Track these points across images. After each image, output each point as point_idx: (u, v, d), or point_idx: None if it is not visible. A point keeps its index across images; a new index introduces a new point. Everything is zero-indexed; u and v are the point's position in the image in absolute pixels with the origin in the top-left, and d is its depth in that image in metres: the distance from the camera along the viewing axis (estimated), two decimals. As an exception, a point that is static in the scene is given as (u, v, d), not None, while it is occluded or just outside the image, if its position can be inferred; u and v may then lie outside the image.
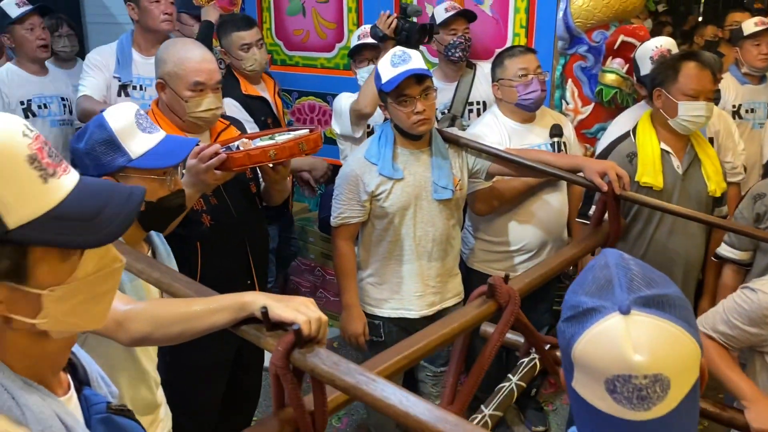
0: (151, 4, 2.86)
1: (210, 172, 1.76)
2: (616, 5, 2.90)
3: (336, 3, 3.48)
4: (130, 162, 1.47)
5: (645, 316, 0.79)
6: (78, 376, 0.95)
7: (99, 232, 0.78)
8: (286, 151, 1.82)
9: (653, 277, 0.83)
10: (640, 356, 0.77)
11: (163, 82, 2.04)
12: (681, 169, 2.33)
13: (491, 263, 2.65)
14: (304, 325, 1.08)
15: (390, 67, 2.11)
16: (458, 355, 1.48)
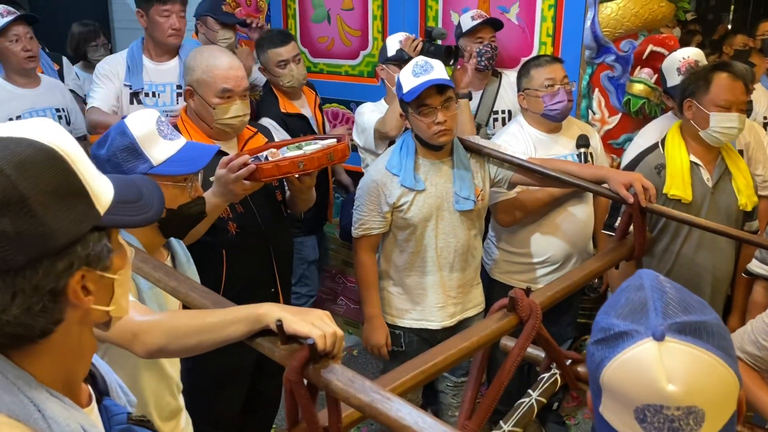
0: (160, 17, 2.84)
1: (239, 182, 1.76)
2: (645, 14, 2.86)
3: (361, 11, 3.47)
4: (151, 169, 1.48)
5: (680, 344, 0.75)
6: (98, 386, 0.95)
7: (148, 211, 0.85)
8: (315, 162, 1.82)
9: (690, 303, 0.79)
10: (674, 386, 0.73)
11: (192, 89, 2.05)
12: (711, 182, 2.28)
13: (514, 275, 2.61)
14: (319, 339, 1.06)
15: (411, 77, 2.10)
16: (478, 369, 1.45)
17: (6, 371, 0.77)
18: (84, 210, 0.76)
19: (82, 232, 0.75)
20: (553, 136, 2.56)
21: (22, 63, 2.96)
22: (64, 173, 0.74)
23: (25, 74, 3.02)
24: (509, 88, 3.00)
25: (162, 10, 2.83)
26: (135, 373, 1.47)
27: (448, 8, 3.22)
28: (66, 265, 0.74)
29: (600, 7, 2.87)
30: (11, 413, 0.76)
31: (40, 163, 0.72)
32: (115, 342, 1.24)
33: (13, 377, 0.77)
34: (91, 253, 0.77)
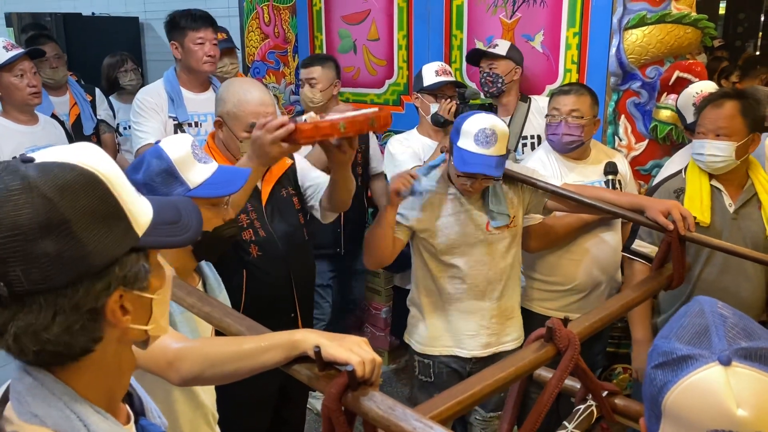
0: (195, 45, 2.86)
1: (276, 144, 1.70)
2: (671, 41, 2.85)
3: (387, 41, 3.52)
4: (188, 192, 1.49)
5: (747, 369, 0.74)
6: (134, 406, 0.96)
7: (186, 231, 0.86)
8: (356, 126, 1.70)
9: (753, 329, 0.78)
10: (744, 411, 0.72)
11: (222, 120, 2.06)
12: (732, 208, 2.24)
13: (543, 302, 2.58)
14: (358, 366, 1.05)
15: (471, 141, 2.04)
16: (514, 401, 1.42)
17: (51, 386, 0.79)
18: (122, 232, 0.77)
19: (120, 253, 0.77)
20: (579, 162, 2.55)
21: (26, 99, 2.92)
22: (103, 196, 0.76)
23: (26, 111, 2.97)
24: (538, 114, 3.00)
25: (196, 38, 2.85)
26: (169, 401, 1.47)
27: (472, 37, 3.25)
28: (104, 286, 0.76)
29: (625, 34, 2.87)
30: (57, 427, 0.78)
31: (80, 186, 0.74)
32: (150, 370, 1.24)
33: (59, 393, 0.79)
34: (129, 274, 0.78)
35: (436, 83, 2.78)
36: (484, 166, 2.03)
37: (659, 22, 2.81)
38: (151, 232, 0.81)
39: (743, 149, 2.18)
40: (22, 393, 0.79)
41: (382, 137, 3.56)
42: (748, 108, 2.17)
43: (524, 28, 3.10)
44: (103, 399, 0.84)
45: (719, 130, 2.16)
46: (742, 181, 2.25)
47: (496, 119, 2.10)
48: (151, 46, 5.16)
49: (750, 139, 2.17)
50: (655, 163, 2.94)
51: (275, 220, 2.13)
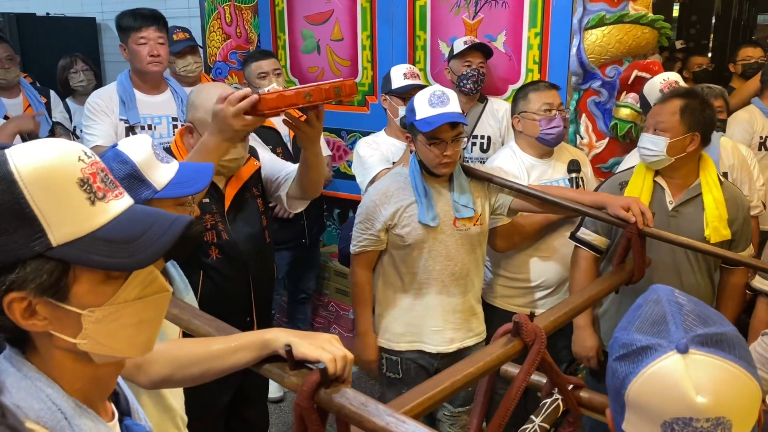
0: (138, 46, 2.83)
1: (239, 116, 1.62)
2: (629, 41, 2.91)
3: (350, 41, 3.52)
4: (156, 194, 1.46)
5: (704, 356, 0.75)
6: (120, 406, 0.96)
7: (136, 254, 0.80)
8: (322, 94, 1.62)
9: (708, 315, 0.80)
10: (703, 398, 0.73)
11: (192, 126, 2.02)
12: (672, 205, 2.24)
13: (510, 298, 2.62)
14: (329, 363, 1.05)
15: (427, 106, 2.11)
16: (483, 395, 1.44)
17: (35, 379, 0.81)
18: (28, 235, 0.76)
19: (22, 256, 0.76)
20: (546, 161, 2.59)
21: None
22: (12, 197, 0.75)
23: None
24: (491, 115, 3.05)
25: (138, 38, 2.82)
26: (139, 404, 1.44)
27: (436, 37, 3.27)
28: None
29: (585, 34, 2.92)
30: (40, 420, 0.78)
31: None
32: None
33: (43, 385, 0.81)
34: (31, 279, 0.77)
35: (405, 86, 2.79)
36: (446, 117, 2.07)
37: (618, 22, 2.87)
38: (81, 246, 0.78)
39: (678, 147, 2.17)
40: (5, 384, 0.79)
41: (347, 137, 3.56)
42: (690, 107, 2.16)
43: (487, 28, 3.13)
44: (84, 396, 0.85)
45: (657, 125, 2.19)
46: (689, 181, 2.25)
47: (441, 86, 2.20)
48: (109, 47, 5.07)
49: (688, 138, 2.16)
50: (615, 160, 3.01)
51: (238, 223, 2.11)
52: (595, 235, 2.34)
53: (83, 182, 0.80)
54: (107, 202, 0.82)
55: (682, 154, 2.17)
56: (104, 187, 0.82)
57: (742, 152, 2.89)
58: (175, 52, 3.37)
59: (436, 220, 2.19)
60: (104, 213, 0.81)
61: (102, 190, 0.81)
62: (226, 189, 2.10)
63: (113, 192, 0.83)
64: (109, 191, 0.82)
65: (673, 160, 2.18)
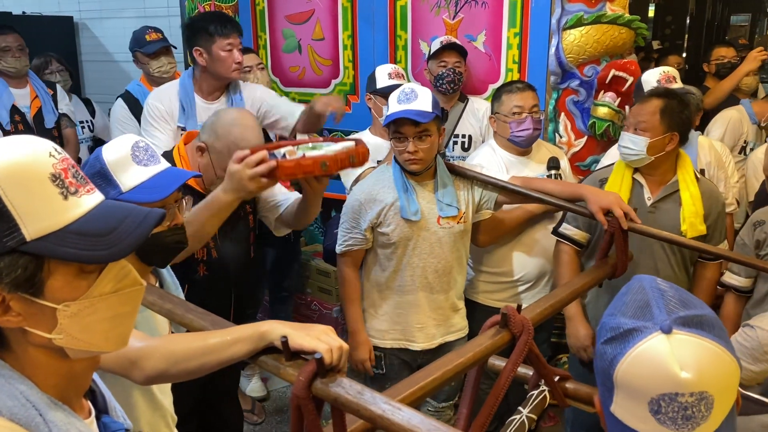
0: (225, 52, 2.73)
1: (256, 179, 1.68)
2: (607, 41, 2.97)
3: (332, 41, 3.54)
4: (120, 195, 1.45)
5: (687, 335, 0.79)
6: (97, 403, 0.96)
7: (110, 248, 0.80)
8: (338, 163, 1.69)
9: (688, 299, 0.84)
10: (687, 373, 0.77)
11: (205, 148, 2.02)
12: (650, 201, 2.30)
13: (491, 294, 2.65)
14: (325, 353, 1.07)
15: (395, 103, 2.14)
16: (472, 386, 1.46)
17: (8, 377, 0.81)
18: (0, 232, 0.76)
19: None
20: (524, 158, 2.63)
21: None
22: None
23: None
24: (472, 114, 3.09)
25: (225, 44, 2.73)
26: (129, 403, 1.45)
27: (416, 37, 3.31)
28: None
29: (563, 34, 2.97)
30: (13, 416, 0.78)
31: None
32: (112, 370, 1.22)
33: (16, 382, 0.81)
34: (4, 273, 0.77)
35: (389, 86, 2.79)
36: (405, 113, 2.09)
37: (595, 22, 2.92)
38: (55, 240, 0.78)
39: (658, 146, 2.21)
40: None
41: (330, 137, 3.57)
42: (670, 107, 2.21)
43: (467, 28, 3.17)
44: (56, 392, 0.85)
45: (638, 125, 2.24)
46: (666, 178, 2.30)
47: (416, 84, 2.21)
48: (86, 46, 5.02)
49: (667, 138, 2.21)
50: (593, 158, 3.06)
51: (228, 240, 2.11)
52: (576, 230, 2.39)
53: (55, 177, 0.80)
54: (79, 196, 0.82)
55: (661, 153, 2.23)
56: (76, 182, 0.82)
57: (719, 150, 2.96)
58: (149, 53, 3.37)
59: (418, 215, 2.21)
60: (77, 207, 0.81)
61: (74, 185, 0.82)
62: None
63: (85, 187, 0.84)
64: (80, 186, 0.83)
65: (652, 158, 2.23)
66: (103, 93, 4.53)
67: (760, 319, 1.67)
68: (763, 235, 2.19)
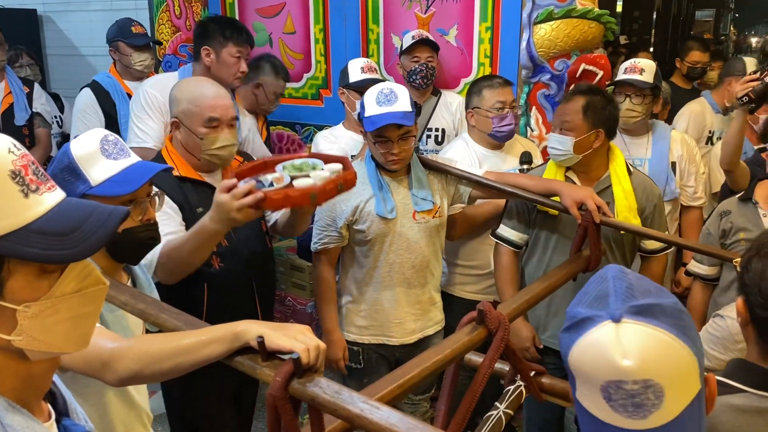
0: (232, 57, 2.70)
1: (243, 210, 1.64)
2: (577, 35, 2.99)
3: (303, 34, 3.51)
4: (90, 189, 1.43)
5: (635, 324, 0.80)
6: (57, 406, 0.93)
7: (73, 247, 0.78)
8: (327, 194, 1.70)
9: (650, 288, 0.85)
10: (628, 361, 0.79)
11: (178, 120, 2.00)
12: None
13: (464, 286, 2.67)
14: (303, 353, 1.06)
15: (374, 104, 2.12)
16: (450, 383, 1.47)
17: None
18: None
19: None
20: (498, 152, 2.64)
21: None
22: None
23: None
24: (445, 108, 3.09)
25: (236, 51, 2.71)
26: (103, 403, 1.42)
27: (389, 31, 3.29)
28: None
29: (534, 28, 2.99)
30: None
31: None
32: (83, 371, 1.20)
33: None
34: None
35: (362, 80, 2.79)
36: (390, 117, 2.08)
37: (566, 16, 2.94)
38: (16, 240, 0.76)
39: (584, 144, 2.21)
40: None
41: (302, 131, 3.55)
42: (592, 105, 2.20)
43: (439, 22, 3.16)
44: (14, 395, 0.82)
45: (562, 125, 2.24)
46: (599, 173, 2.29)
47: (391, 83, 2.20)
48: (51, 40, 4.91)
49: (593, 135, 2.20)
50: (564, 152, 3.09)
51: (238, 228, 2.02)
52: (513, 231, 2.39)
53: (15, 174, 0.78)
54: (41, 194, 0.80)
55: (588, 150, 2.23)
56: (37, 180, 0.80)
57: (691, 145, 3.00)
58: (136, 45, 3.29)
59: (393, 213, 2.21)
60: (38, 205, 0.79)
61: (35, 182, 0.80)
62: None
63: (46, 184, 0.81)
64: (41, 184, 0.81)
65: (580, 157, 2.23)
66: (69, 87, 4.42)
67: (730, 309, 1.69)
68: (728, 225, 2.24)
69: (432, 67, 2.99)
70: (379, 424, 0.96)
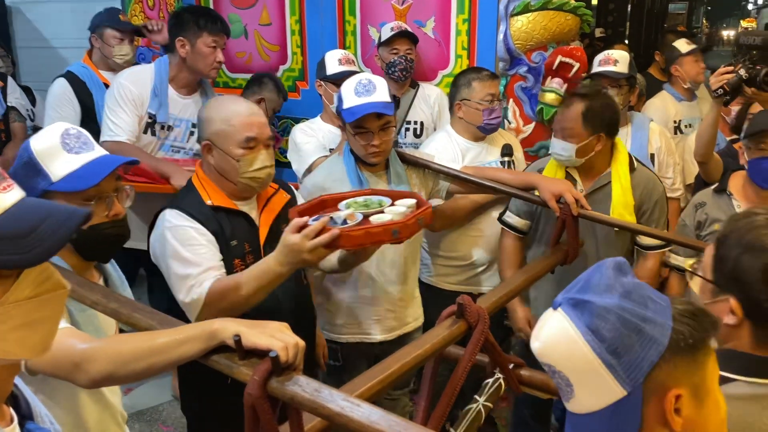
0: (208, 48, 2.66)
1: (316, 250, 1.50)
2: (553, 27, 3.00)
3: (279, 26, 3.46)
4: (50, 186, 1.38)
5: (561, 314, 0.87)
6: (20, 409, 0.90)
7: (29, 251, 0.74)
8: (409, 229, 1.55)
9: (600, 285, 0.87)
10: (536, 343, 0.89)
11: (210, 143, 1.82)
12: (583, 194, 2.26)
13: (446, 277, 2.67)
14: (281, 351, 1.04)
15: (353, 96, 2.08)
16: (430, 377, 1.46)
17: None
18: None
19: None
20: (480, 144, 2.64)
21: None
22: None
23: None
24: (423, 101, 3.08)
25: (212, 41, 2.65)
26: (76, 405, 1.39)
27: (365, 23, 3.27)
28: None
29: (511, 20, 2.99)
30: None
31: None
32: (53, 374, 1.17)
33: None
34: None
35: (340, 72, 2.76)
36: (370, 107, 2.05)
37: (542, 8, 2.95)
38: None
39: (586, 149, 2.23)
40: None
41: (278, 124, 3.51)
42: (592, 110, 2.20)
43: (416, 14, 3.15)
44: None
45: (563, 131, 2.26)
46: (600, 170, 2.32)
47: (369, 74, 2.17)
48: (21, 32, 4.80)
49: (594, 140, 2.22)
50: (541, 144, 3.09)
51: None
52: (517, 218, 2.43)
53: None
54: None
55: (591, 154, 2.25)
56: None
57: (668, 137, 3.03)
58: (125, 30, 3.22)
59: None
60: None
61: None
62: (260, 219, 1.90)
63: (1, 184, 0.78)
64: None
65: (584, 160, 2.26)
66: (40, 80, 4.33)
67: None
68: (704, 216, 2.26)
69: (411, 59, 2.97)
70: (360, 421, 0.95)
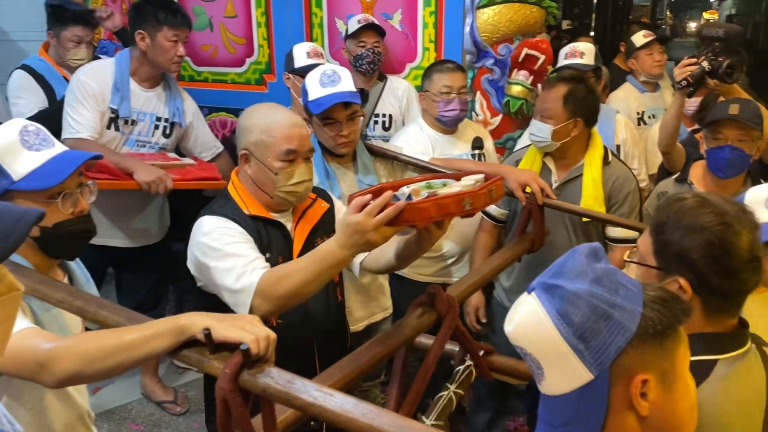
0: (169, 42, 2.61)
1: (380, 228, 1.34)
2: (519, 20, 3.02)
3: (244, 18, 3.42)
4: (13, 185, 1.34)
5: (534, 299, 0.90)
6: None
7: None
8: (480, 200, 1.37)
9: (572, 270, 0.90)
10: (509, 326, 0.92)
11: (248, 152, 1.73)
12: (556, 184, 2.35)
13: (417, 268, 2.67)
14: (252, 344, 1.04)
15: (318, 87, 2.07)
16: (401, 367, 1.47)
17: None
18: None
19: None
20: (450, 137, 2.65)
21: None
22: None
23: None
24: (391, 93, 3.08)
25: (172, 35, 2.60)
26: (41, 406, 1.36)
27: (332, 15, 3.25)
28: None
29: (477, 13, 3.00)
30: None
31: None
32: (17, 375, 1.14)
33: None
34: None
35: (308, 65, 2.72)
36: (337, 96, 2.03)
37: (507, 1, 2.97)
38: None
39: (562, 132, 2.24)
40: None
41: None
42: (573, 93, 2.22)
43: (383, 6, 3.14)
44: None
45: (543, 112, 2.28)
46: (575, 161, 2.34)
47: (333, 65, 2.17)
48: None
49: (571, 124, 2.23)
50: (508, 136, 3.12)
51: None
52: (494, 206, 2.45)
53: None
54: None
55: (566, 138, 2.27)
56: None
57: (632, 128, 3.08)
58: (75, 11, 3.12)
59: (336, 191, 2.19)
60: None
61: None
62: (295, 232, 1.81)
63: None
64: None
65: (558, 144, 2.28)
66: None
67: None
68: None
69: (378, 52, 2.97)
70: (333, 411, 0.95)
